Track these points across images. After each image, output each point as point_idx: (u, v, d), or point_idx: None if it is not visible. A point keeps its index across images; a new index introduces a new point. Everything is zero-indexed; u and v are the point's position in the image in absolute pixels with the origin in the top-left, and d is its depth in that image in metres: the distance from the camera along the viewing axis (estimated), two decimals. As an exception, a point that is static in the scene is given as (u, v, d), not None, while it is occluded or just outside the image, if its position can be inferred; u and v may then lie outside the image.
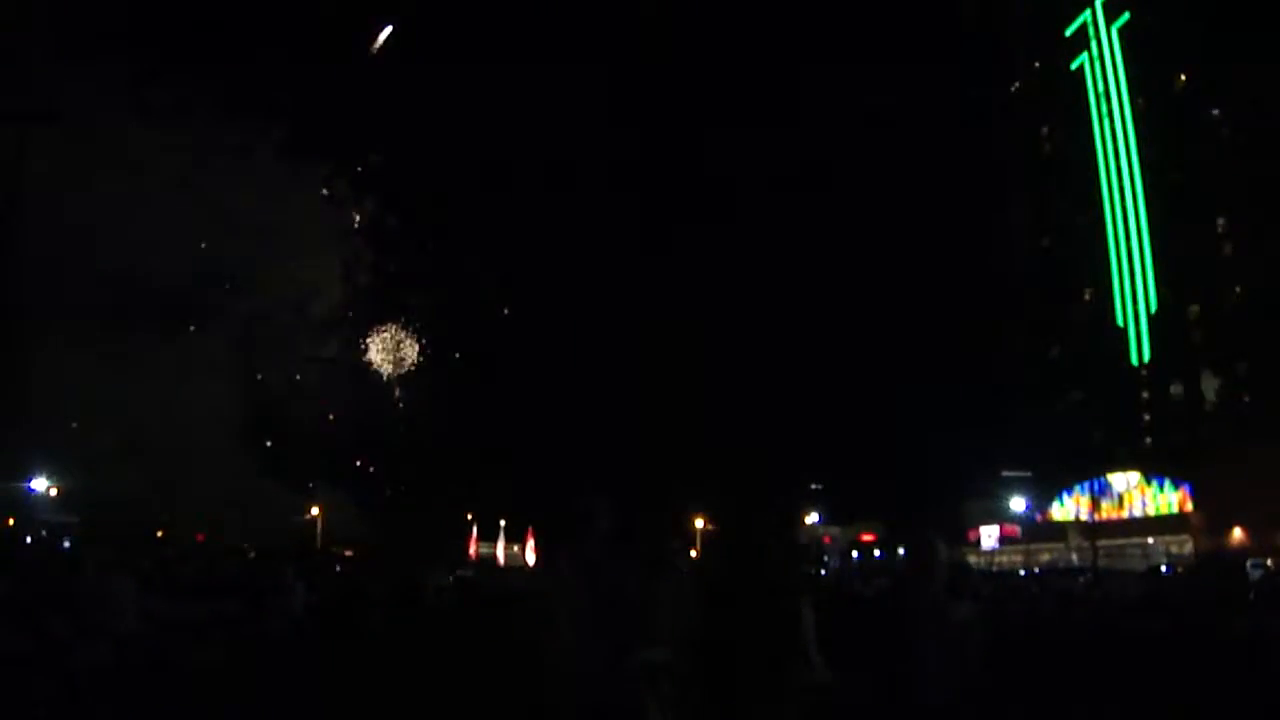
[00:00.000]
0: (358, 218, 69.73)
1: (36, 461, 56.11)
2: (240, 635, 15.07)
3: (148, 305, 52.83)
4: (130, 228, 46.24)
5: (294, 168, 59.41)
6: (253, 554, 42.93)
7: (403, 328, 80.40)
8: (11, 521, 52.32)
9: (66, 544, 35.76)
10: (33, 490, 57.80)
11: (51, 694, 9.84)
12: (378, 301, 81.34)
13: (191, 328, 55.20)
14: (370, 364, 77.77)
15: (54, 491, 59.95)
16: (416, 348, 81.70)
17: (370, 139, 77.97)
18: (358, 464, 78.90)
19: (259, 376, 61.75)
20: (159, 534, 58.67)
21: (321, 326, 65.46)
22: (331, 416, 69.02)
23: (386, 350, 78.16)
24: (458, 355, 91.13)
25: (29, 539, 45.89)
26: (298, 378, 62.90)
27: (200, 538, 58.63)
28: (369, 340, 77.32)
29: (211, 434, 55.62)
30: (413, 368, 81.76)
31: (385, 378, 78.82)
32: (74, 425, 49.23)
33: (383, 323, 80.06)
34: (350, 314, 73.81)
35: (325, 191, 63.29)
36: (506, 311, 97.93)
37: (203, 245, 54.73)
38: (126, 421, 49.66)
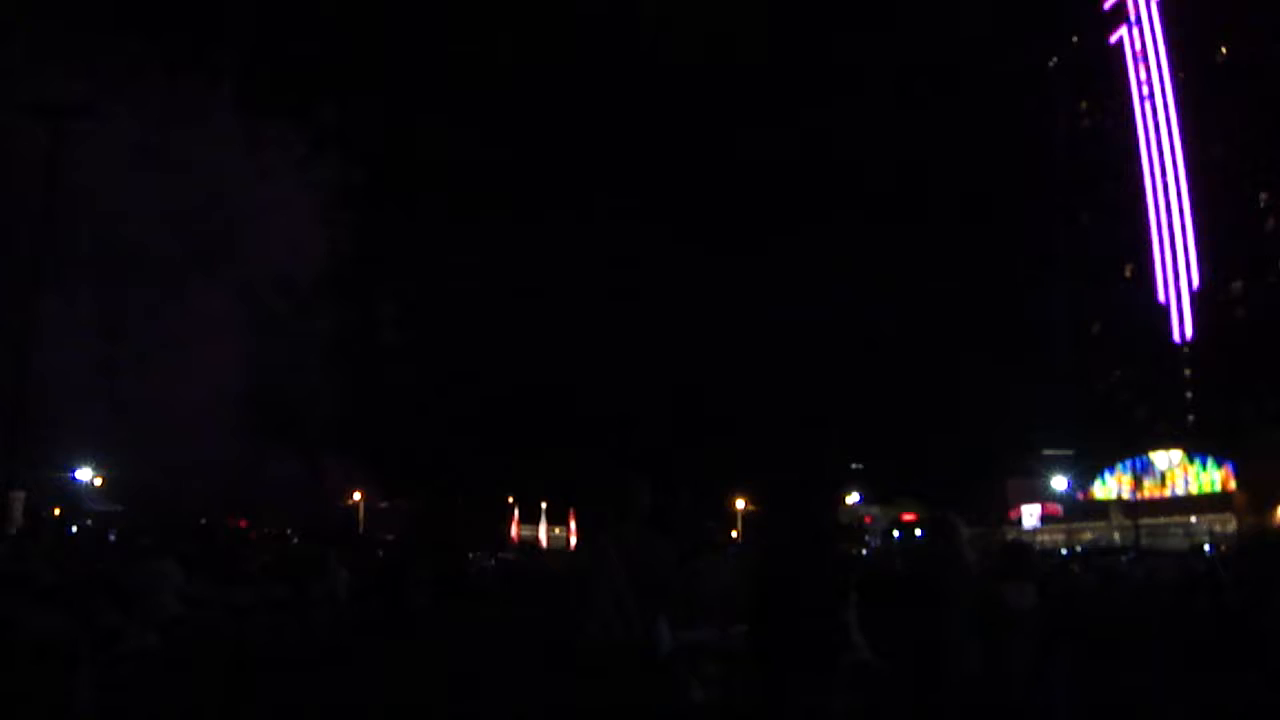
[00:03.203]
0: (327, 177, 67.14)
1: (79, 451, 56.51)
2: (285, 619, 15.20)
3: (136, 277, 52.48)
4: (100, 198, 45.56)
5: (261, 127, 58.25)
6: (295, 539, 43.20)
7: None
8: (58, 511, 52.75)
9: (112, 537, 36.08)
10: (77, 480, 58.29)
11: (98, 681, 9.95)
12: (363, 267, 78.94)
13: (183, 301, 54.34)
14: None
15: (98, 481, 60.45)
16: None
17: (321, 90, 75.84)
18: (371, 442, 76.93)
19: (256, 352, 60.53)
20: (202, 520, 59.12)
21: (311, 295, 63.68)
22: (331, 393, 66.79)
23: None
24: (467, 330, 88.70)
25: (74, 529, 46.27)
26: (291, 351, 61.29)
27: (243, 523, 59.02)
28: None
29: (231, 416, 55.34)
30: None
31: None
32: (109, 412, 49.26)
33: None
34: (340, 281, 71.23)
35: (287, 151, 61.36)
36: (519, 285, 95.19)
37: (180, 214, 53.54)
38: (146, 406, 49.70)
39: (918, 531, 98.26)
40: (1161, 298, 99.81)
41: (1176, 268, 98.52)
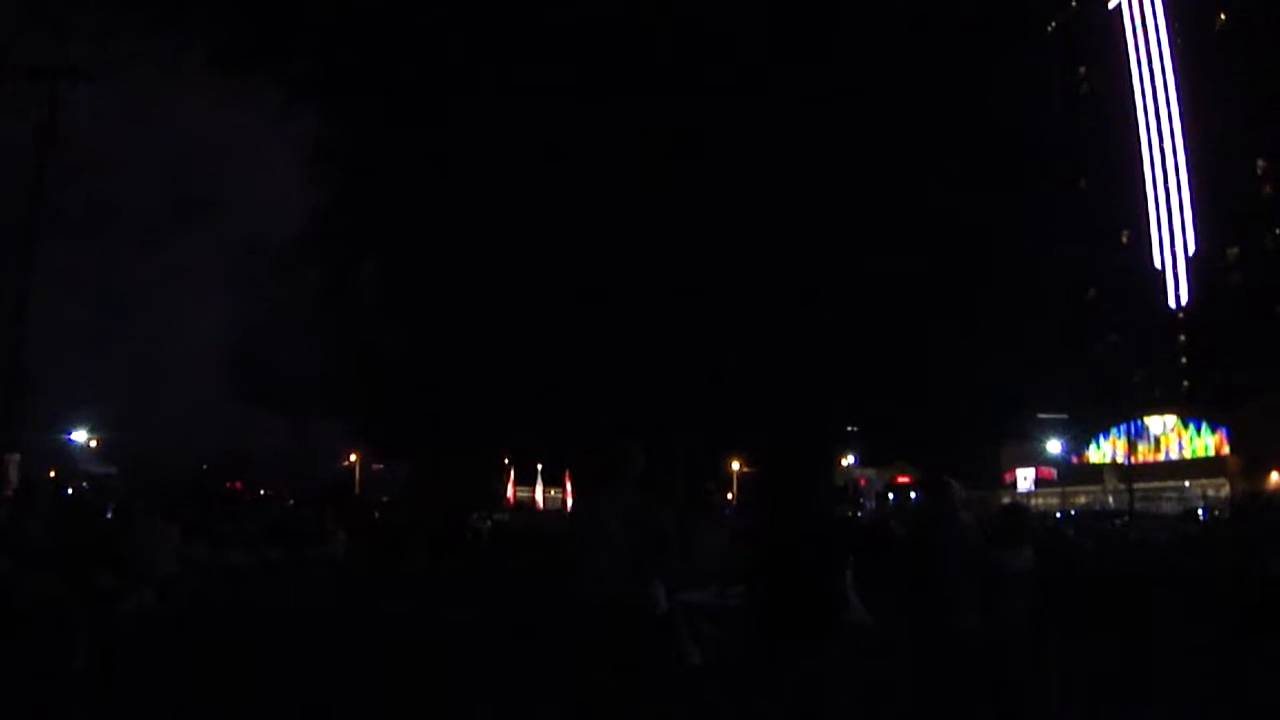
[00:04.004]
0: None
1: (74, 413, 56.45)
2: (283, 580, 15.25)
3: (122, 238, 51.88)
4: (84, 159, 44.75)
5: (237, 83, 57.13)
6: (291, 501, 43.20)
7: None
8: (53, 473, 52.68)
9: (110, 515, 36.06)
10: (73, 442, 58.30)
11: (96, 645, 9.97)
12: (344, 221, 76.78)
13: (170, 262, 53.56)
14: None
15: (94, 443, 60.46)
16: None
17: (295, 40, 73.50)
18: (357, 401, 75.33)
19: (243, 313, 59.45)
20: (199, 483, 59.00)
21: (292, 251, 62.32)
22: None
23: None
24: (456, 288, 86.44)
25: (70, 491, 46.24)
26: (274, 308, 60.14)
27: (239, 485, 59.01)
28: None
29: (221, 377, 54.85)
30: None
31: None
32: (101, 372, 48.98)
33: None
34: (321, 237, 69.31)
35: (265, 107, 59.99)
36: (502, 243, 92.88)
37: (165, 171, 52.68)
38: (137, 367, 49.40)
39: (912, 494, 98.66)
40: (1158, 263, 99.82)
41: (1173, 233, 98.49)
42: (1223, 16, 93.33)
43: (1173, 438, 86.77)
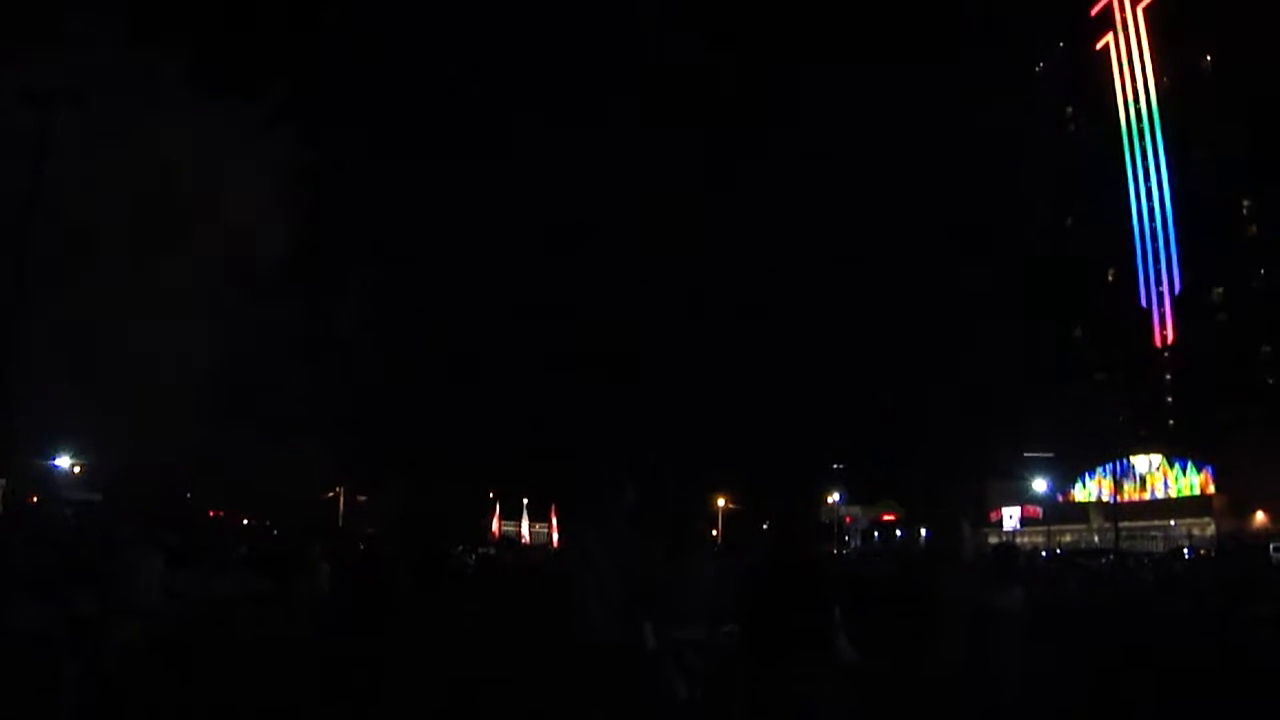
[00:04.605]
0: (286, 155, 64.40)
1: (58, 438, 56.04)
2: (267, 612, 15.16)
3: (105, 253, 51.56)
4: (64, 181, 44.41)
5: (219, 105, 56.89)
6: (276, 531, 43.03)
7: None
8: (35, 499, 52.32)
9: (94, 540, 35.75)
10: (57, 467, 57.91)
11: (79, 673, 9.91)
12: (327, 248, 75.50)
13: (152, 286, 53.01)
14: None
15: (77, 469, 60.07)
16: None
17: (275, 63, 72.96)
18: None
19: (225, 341, 58.79)
20: (185, 513, 58.62)
21: (271, 279, 61.47)
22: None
23: None
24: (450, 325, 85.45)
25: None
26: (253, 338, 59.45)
27: (221, 514, 58.67)
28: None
29: (204, 404, 54.34)
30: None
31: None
32: (89, 401, 48.55)
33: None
34: (301, 265, 68.28)
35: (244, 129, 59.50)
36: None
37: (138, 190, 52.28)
38: (123, 393, 49.02)
39: (898, 532, 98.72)
40: (1144, 302, 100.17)
41: (1159, 272, 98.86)
42: (1208, 57, 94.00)
43: (1158, 476, 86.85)
